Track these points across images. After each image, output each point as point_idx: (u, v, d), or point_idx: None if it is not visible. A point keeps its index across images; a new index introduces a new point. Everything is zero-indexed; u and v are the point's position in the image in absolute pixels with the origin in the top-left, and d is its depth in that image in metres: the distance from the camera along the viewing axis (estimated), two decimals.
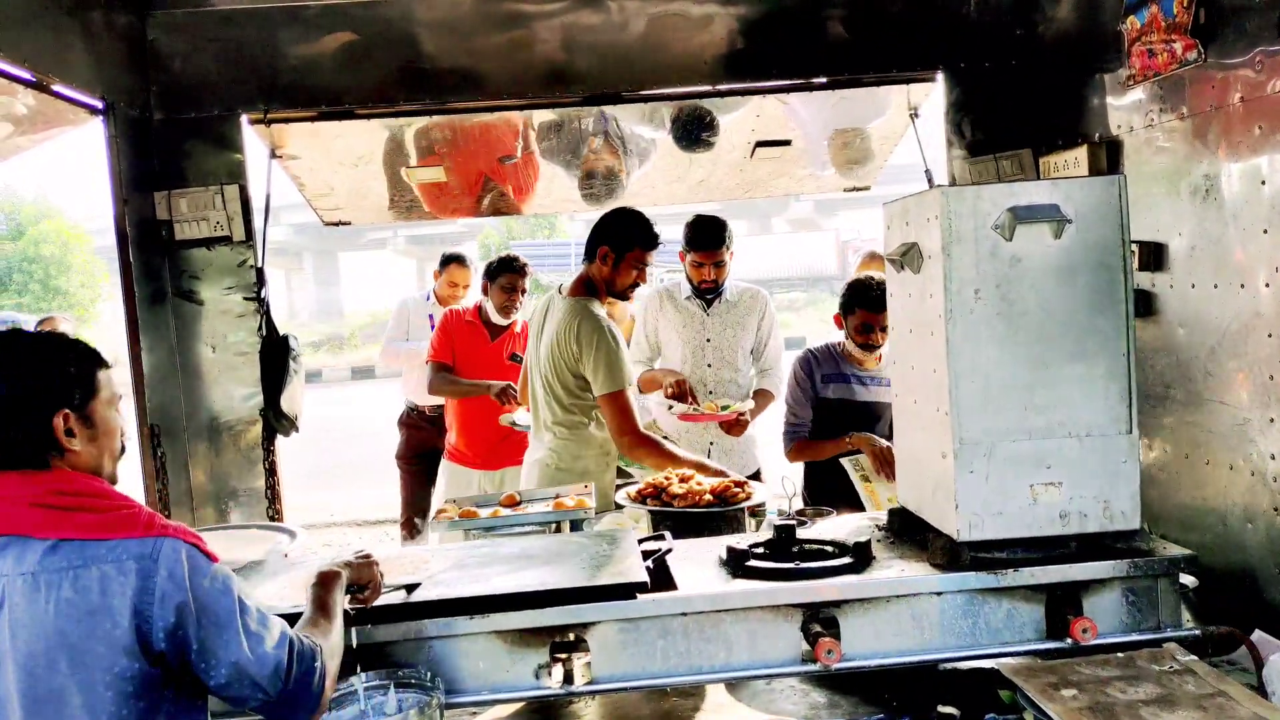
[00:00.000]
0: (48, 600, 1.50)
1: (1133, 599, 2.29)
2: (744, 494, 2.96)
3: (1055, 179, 2.70)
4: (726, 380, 4.14)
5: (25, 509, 1.54)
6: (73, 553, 1.52)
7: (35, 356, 1.62)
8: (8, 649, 1.50)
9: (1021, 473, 2.26)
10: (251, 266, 3.54)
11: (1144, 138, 3.05)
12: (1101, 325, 2.27)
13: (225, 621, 1.59)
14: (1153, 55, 2.91)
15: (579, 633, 2.17)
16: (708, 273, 4.00)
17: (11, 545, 1.53)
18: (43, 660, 1.49)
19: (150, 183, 3.46)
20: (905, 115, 3.80)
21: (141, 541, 1.55)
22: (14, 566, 1.52)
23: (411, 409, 5.37)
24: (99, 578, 1.51)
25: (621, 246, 3.29)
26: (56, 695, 1.49)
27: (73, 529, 1.53)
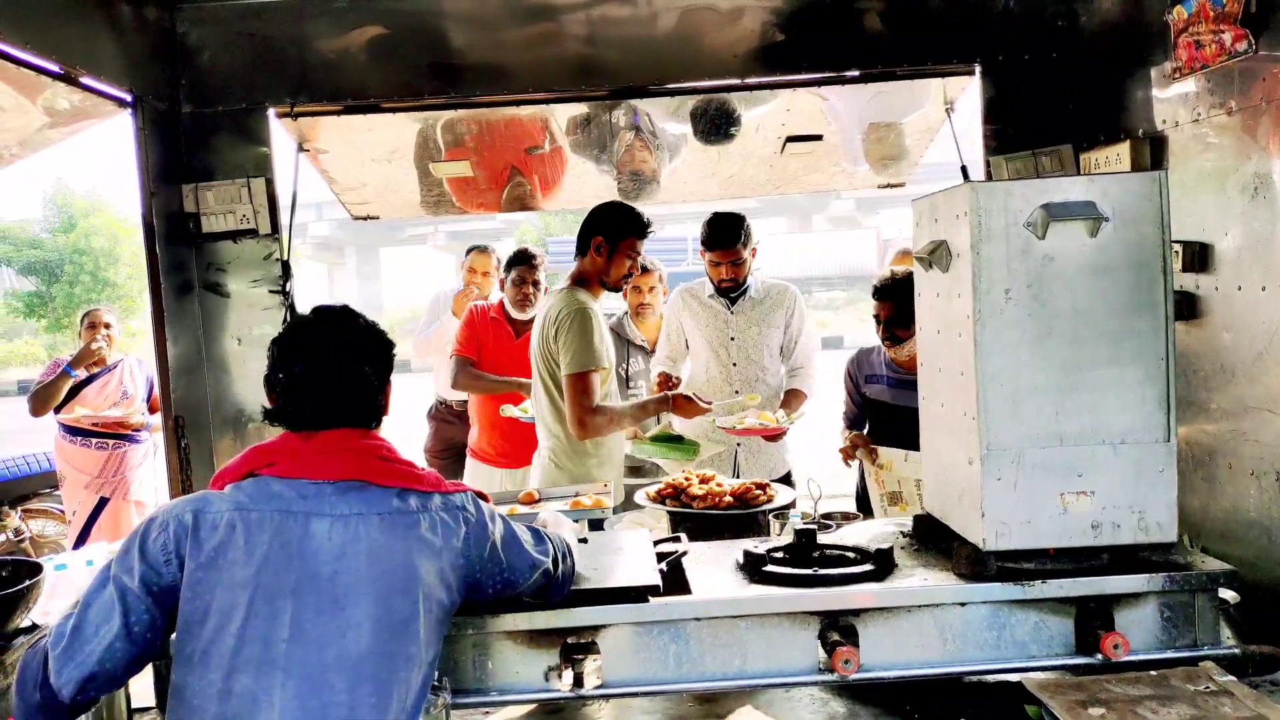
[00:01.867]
0: (405, 537, 1.72)
1: (1168, 614, 2.20)
2: (765, 496, 2.90)
3: (1092, 175, 2.59)
4: (753, 379, 4.05)
5: (373, 460, 1.78)
6: (415, 500, 1.77)
7: (376, 331, 1.91)
8: (364, 577, 1.68)
9: (1051, 481, 2.18)
10: (278, 259, 3.54)
11: (1190, 133, 2.92)
12: (1139, 328, 2.18)
13: (512, 538, 1.93)
14: (1200, 47, 2.79)
15: (590, 635, 2.13)
16: (725, 271, 3.93)
17: (356, 488, 1.74)
18: (400, 588, 1.69)
19: (178, 175, 3.46)
20: (941, 109, 3.70)
21: (457, 495, 1.85)
22: (367, 506, 1.73)
23: (440, 402, 5.36)
24: (438, 523, 1.77)
25: (615, 237, 3.28)
26: (404, 622, 1.69)
27: (414, 481, 1.79)
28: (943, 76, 3.53)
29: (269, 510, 1.70)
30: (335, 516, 1.70)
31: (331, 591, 1.66)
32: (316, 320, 1.89)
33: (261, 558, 1.66)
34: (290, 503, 1.71)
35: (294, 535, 1.68)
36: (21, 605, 2.24)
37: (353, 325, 1.88)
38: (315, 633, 1.63)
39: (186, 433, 3.47)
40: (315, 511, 1.70)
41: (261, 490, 1.73)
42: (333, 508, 1.71)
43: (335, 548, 1.68)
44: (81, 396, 5.38)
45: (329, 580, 1.66)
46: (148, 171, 3.33)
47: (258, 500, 1.71)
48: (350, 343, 1.85)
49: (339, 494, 1.72)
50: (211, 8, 3.44)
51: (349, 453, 1.77)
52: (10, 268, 23.39)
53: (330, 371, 1.80)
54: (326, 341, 1.84)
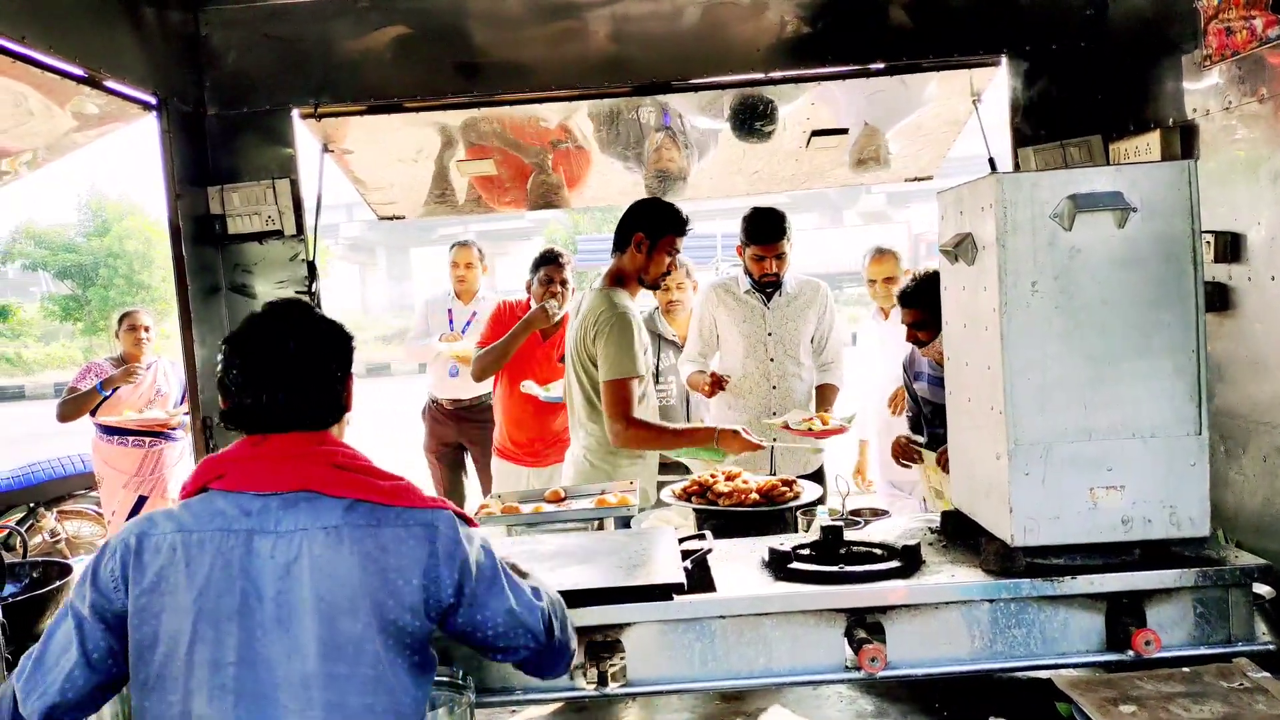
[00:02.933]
0: (351, 553, 1.61)
1: (1201, 610, 2.17)
2: (791, 493, 2.89)
3: (1119, 165, 2.56)
4: (790, 375, 4.08)
5: (324, 467, 1.67)
6: (369, 513, 1.64)
7: (329, 325, 1.81)
8: (307, 596, 1.58)
9: (1080, 475, 2.15)
10: (303, 260, 3.56)
11: (1221, 122, 2.87)
12: (1168, 320, 2.14)
13: (493, 577, 1.73)
14: (1231, 33, 2.74)
15: (614, 633, 2.13)
16: (769, 265, 3.95)
17: (305, 499, 1.64)
18: (345, 608, 1.59)
19: (203, 177, 3.49)
20: (968, 101, 3.66)
21: (423, 511, 1.68)
22: (312, 520, 1.63)
23: (432, 401, 5.43)
24: (394, 538, 1.63)
25: (655, 233, 3.24)
26: (355, 643, 1.59)
27: (368, 492, 1.66)
28: (969, 68, 3.49)
29: (210, 530, 1.62)
30: (279, 534, 1.61)
31: (276, 612, 1.59)
32: (265, 316, 1.79)
33: (203, 580, 1.60)
34: (233, 520, 1.63)
35: (236, 555, 1.60)
36: (51, 606, 2.27)
37: (302, 320, 1.78)
38: (264, 654, 1.57)
39: (214, 434, 3.51)
40: (258, 529, 1.62)
41: (206, 508, 1.66)
42: (276, 524, 1.62)
43: (279, 566, 1.60)
44: (116, 397, 5.45)
45: (274, 600, 1.59)
46: (173, 174, 3.36)
47: (201, 520, 1.64)
48: (300, 338, 1.74)
49: (285, 508, 1.63)
50: (235, 10, 3.47)
51: (299, 460, 1.67)
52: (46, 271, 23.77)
53: (278, 369, 1.71)
54: (274, 337, 1.73)
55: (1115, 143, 3.33)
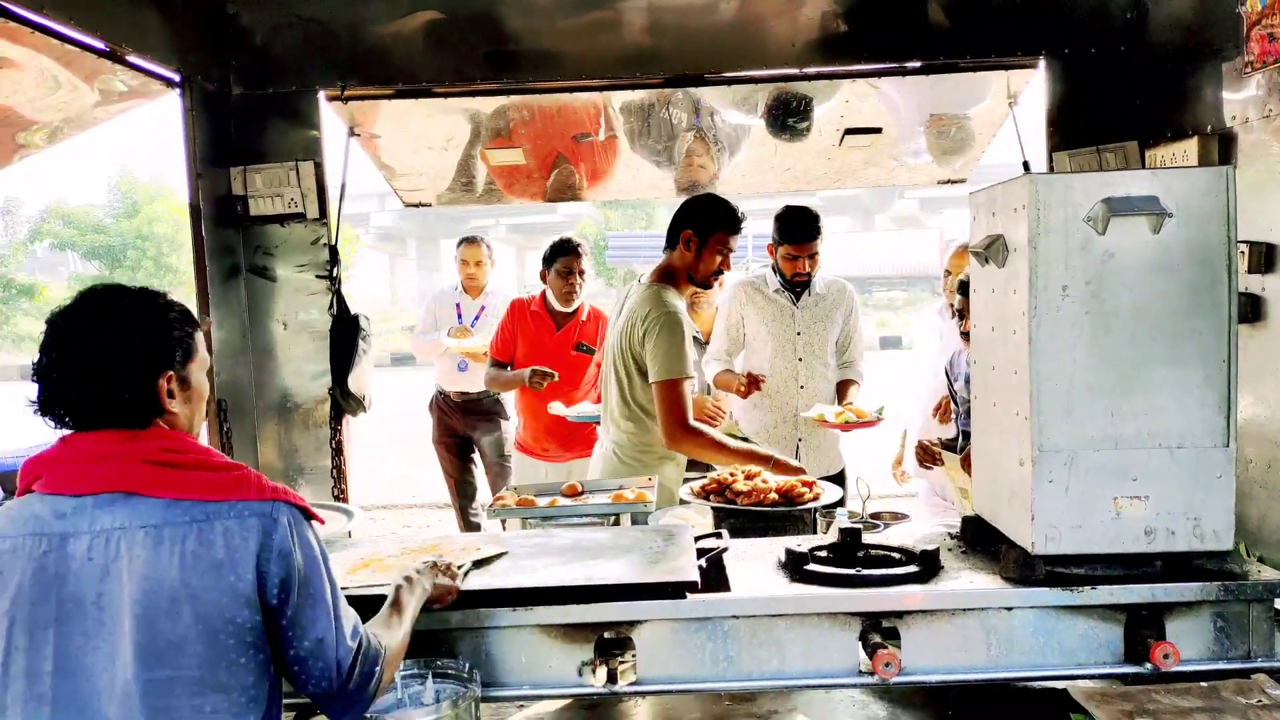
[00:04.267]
0: (171, 553, 1.50)
1: (1221, 624, 2.12)
2: (811, 494, 2.86)
3: (1155, 169, 2.51)
4: (817, 375, 4.09)
5: (138, 465, 1.55)
6: (194, 508, 1.54)
7: (145, 315, 1.62)
8: (124, 600, 1.50)
9: (1105, 484, 2.10)
10: (325, 244, 3.56)
11: (1261, 130, 2.81)
12: (1200, 329, 2.10)
13: (319, 596, 1.61)
14: (1274, 40, 2.69)
15: (625, 630, 2.10)
16: (802, 265, 3.95)
17: (121, 500, 1.54)
18: (165, 610, 1.49)
19: (226, 158, 3.48)
20: (1004, 103, 3.61)
21: (261, 502, 1.58)
22: (131, 519, 1.52)
23: (439, 393, 5.44)
24: (223, 532, 1.53)
25: (705, 230, 3.17)
26: (177, 645, 1.50)
27: (191, 489, 1.55)
28: (1006, 69, 3.44)
29: (22, 535, 1.53)
30: (94, 534, 1.51)
31: (97, 616, 1.49)
32: (75, 303, 1.62)
33: (15, 589, 1.51)
34: (46, 524, 1.53)
35: (50, 560, 1.51)
36: None
37: (115, 306, 1.61)
38: (84, 661, 1.49)
39: (230, 416, 3.51)
40: (72, 531, 1.51)
41: (21, 512, 1.56)
42: (91, 524, 1.51)
43: (97, 569, 1.50)
44: None
45: (94, 604, 1.49)
46: (195, 153, 3.36)
47: (15, 524, 1.54)
48: (106, 326, 1.57)
49: (101, 507, 1.52)
50: None
51: (110, 460, 1.55)
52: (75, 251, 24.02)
53: (78, 362, 1.55)
54: (78, 326, 1.58)
55: (1151, 149, 3.27)
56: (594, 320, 4.75)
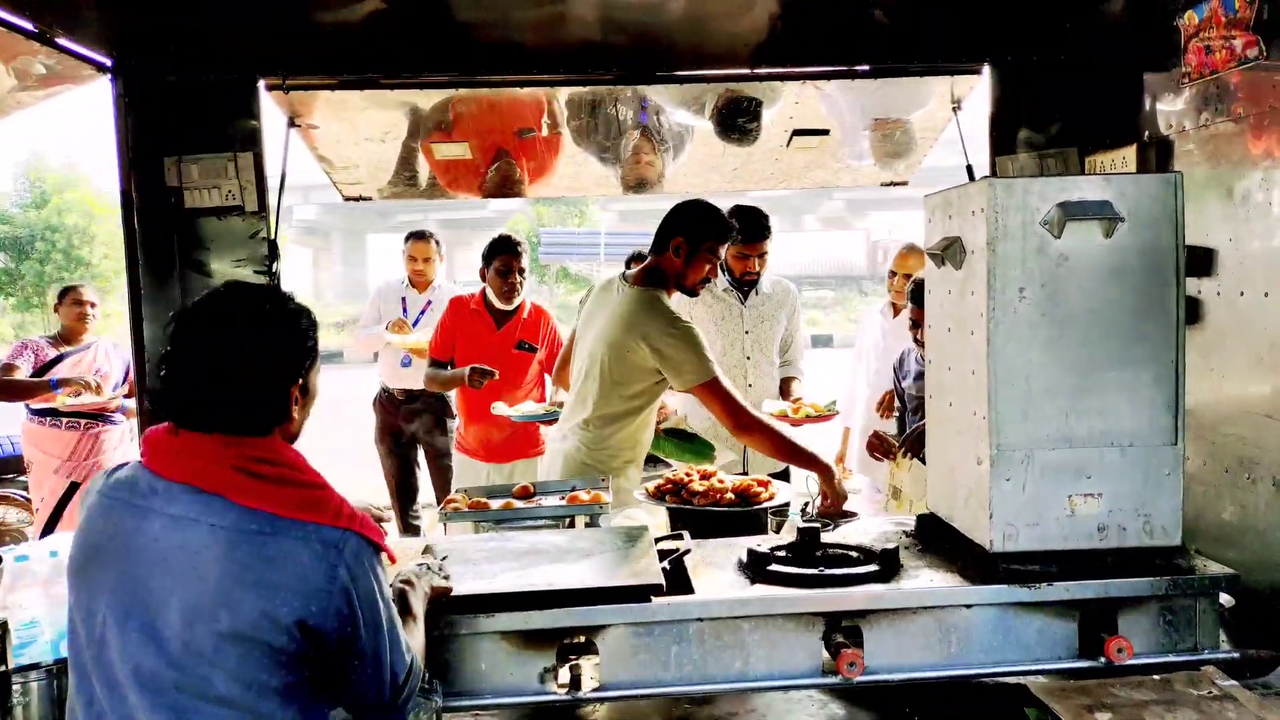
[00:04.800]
0: (228, 558, 1.49)
1: (1170, 618, 2.19)
2: (767, 494, 2.86)
3: (1108, 175, 2.57)
4: (764, 373, 4.16)
5: (226, 470, 1.54)
6: (264, 519, 1.51)
7: (284, 322, 1.63)
8: (171, 592, 1.49)
9: (1060, 483, 2.16)
10: (264, 239, 3.44)
11: (1197, 138, 2.91)
12: (1150, 331, 2.16)
13: (383, 625, 1.60)
14: (1210, 52, 2.77)
15: (588, 635, 2.08)
16: (752, 264, 4.02)
17: (203, 495, 1.53)
18: (207, 614, 1.48)
19: (160, 147, 3.33)
20: (948, 107, 3.68)
21: (332, 529, 1.54)
22: (203, 513, 1.51)
23: (383, 391, 5.32)
24: (284, 551, 1.50)
25: (696, 238, 3.12)
26: (211, 652, 1.48)
27: (269, 500, 1.53)
28: (951, 75, 3.50)
29: (119, 499, 1.56)
30: (170, 517, 1.51)
31: (145, 598, 1.49)
32: (218, 304, 1.62)
33: (95, 547, 1.55)
34: (138, 494, 1.55)
35: (125, 529, 1.53)
36: None
37: (257, 318, 1.60)
38: (120, 640, 1.50)
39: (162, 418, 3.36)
40: (155, 510, 1.53)
41: (126, 475, 1.59)
42: (171, 507, 1.52)
43: (158, 552, 1.50)
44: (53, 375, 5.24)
45: (143, 585, 1.50)
46: (127, 142, 3.22)
47: (118, 485, 1.58)
48: (246, 339, 1.57)
49: (184, 495, 1.53)
50: None
51: (205, 458, 1.54)
52: None
53: (208, 371, 1.55)
54: (215, 334, 1.57)
55: (1091, 155, 3.36)
56: (535, 318, 4.70)
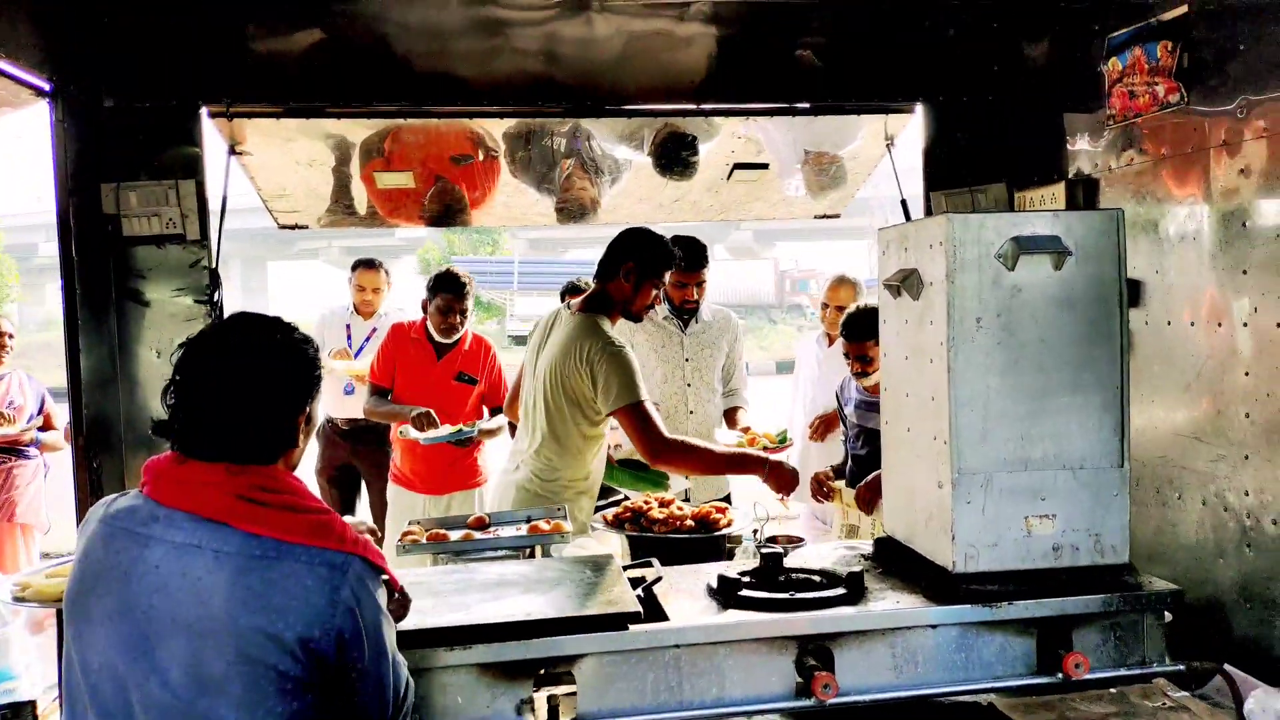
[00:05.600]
0: (233, 583, 1.48)
1: (1120, 634, 2.28)
2: (725, 520, 2.90)
3: (1057, 211, 2.71)
4: (705, 400, 4.18)
5: (231, 499, 1.53)
6: (268, 545, 1.51)
7: (296, 352, 1.64)
8: (174, 620, 1.47)
9: (1017, 504, 2.24)
10: (205, 267, 3.35)
11: (1122, 177, 3.09)
12: (1097, 358, 2.27)
13: (385, 649, 1.61)
14: (1134, 97, 2.96)
15: (565, 665, 2.06)
16: (691, 292, 4.08)
17: (207, 523, 1.52)
18: (212, 642, 1.47)
19: (98, 174, 3.23)
20: (881, 144, 3.82)
21: (336, 553, 1.55)
22: (207, 540, 1.51)
23: (327, 421, 5.20)
24: (288, 575, 1.50)
25: (646, 264, 3.19)
26: (215, 681, 1.46)
27: (273, 526, 1.53)
28: (886, 113, 3.64)
29: (119, 527, 1.55)
30: (171, 545, 1.51)
31: (145, 627, 1.48)
32: (226, 333, 1.64)
33: (94, 576, 1.53)
34: (139, 522, 1.54)
35: (126, 557, 1.52)
36: None
37: (269, 347, 1.63)
38: (120, 670, 1.48)
39: (98, 451, 3.24)
40: (156, 537, 1.52)
41: (127, 503, 1.58)
42: (173, 534, 1.51)
43: (159, 580, 1.49)
44: None
45: (144, 614, 1.48)
46: (65, 168, 3.11)
47: (118, 514, 1.57)
48: (259, 368, 1.60)
49: (187, 522, 1.52)
50: None
51: (210, 488, 1.54)
52: None
53: (219, 403, 1.56)
54: (231, 362, 1.59)
55: (1021, 191, 3.53)
56: (476, 349, 4.65)
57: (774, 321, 26.51)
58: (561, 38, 3.42)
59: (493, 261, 25.53)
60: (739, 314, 4.55)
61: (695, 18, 3.43)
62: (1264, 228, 2.54)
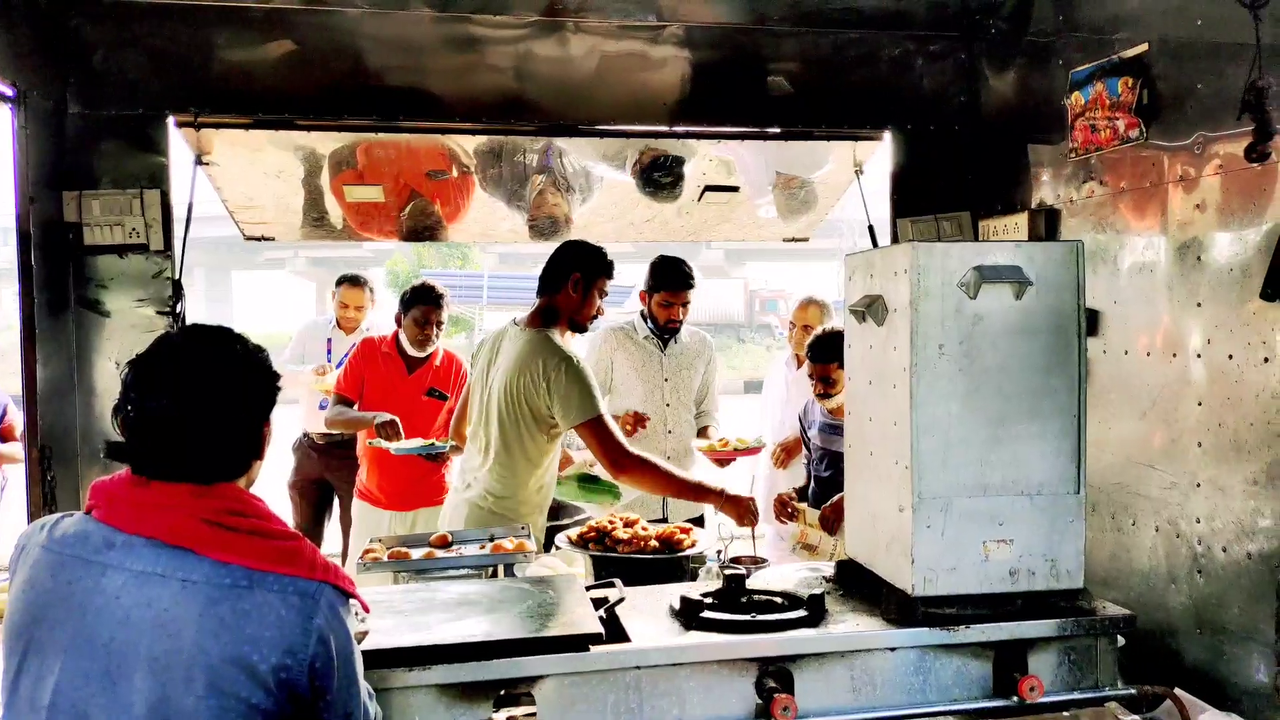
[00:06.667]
0: (202, 614, 1.43)
1: (1074, 658, 2.32)
2: (690, 541, 2.90)
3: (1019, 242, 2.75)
4: (683, 420, 4.21)
5: (198, 524, 1.48)
6: (239, 573, 1.46)
7: (256, 361, 1.60)
8: (139, 653, 1.41)
9: (976, 529, 2.27)
10: (168, 279, 3.31)
11: (1082, 208, 3.15)
12: (1056, 386, 2.31)
13: (354, 676, 1.57)
14: (1095, 131, 3.02)
15: (526, 686, 2.06)
16: (676, 312, 4.09)
17: (170, 550, 1.46)
18: (181, 675, 1.41)
19: (59, 181, 3.19)
20: (850, 170, 3.87)
21: (308, 582, 1.50)
22: (172, 569, 1.45)
23: (304, 435, 5.15)
24: (260, 605, 1.45)
25: (591, 274, 3.21)
26: (187, 715, 1.41)
27: (243, 553, 1.47)
28: (855, 140, 3.69)
29: (66, 555, 1.48)
30: (132, 573, 1.44)
31: (105, 661, 1.41)
32: (182, 346, 1.58)
33: (43, 606, 1.46)
34: (93, 549, 1.47)
35: (80, 588, 1.44)
36: None
37: (230, 359, 1.57)
38: (79, 705, 1.41)
39: (53, 465, 3.18)
40: (114, 564, 1.45)
41: (76, 529, 1.51)
42: (134, 562, 1.45)
43: (121, 611, 1.42)
44: None
45: (104, 647, 1.41)
46: (26, 174, 3.07)
47: (66, 541, 1.49)
48: (223, 382, 1.54)
49: (149, 549, 1.46)
50: (110, 3, 3.21)
51: (173, 511, 1.48)
52: None
53: (182, 418, 1.50)
54: (186, 378, 1.52)
55: (985, 220, 3.59)
56: (448, 365, 4.63)
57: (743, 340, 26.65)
58: (535, 56, 3.43)
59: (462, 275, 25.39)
60: (708, 333, 4.57)
61: (669, 40, 3.47)
62: (1217, 262, 2.61)
